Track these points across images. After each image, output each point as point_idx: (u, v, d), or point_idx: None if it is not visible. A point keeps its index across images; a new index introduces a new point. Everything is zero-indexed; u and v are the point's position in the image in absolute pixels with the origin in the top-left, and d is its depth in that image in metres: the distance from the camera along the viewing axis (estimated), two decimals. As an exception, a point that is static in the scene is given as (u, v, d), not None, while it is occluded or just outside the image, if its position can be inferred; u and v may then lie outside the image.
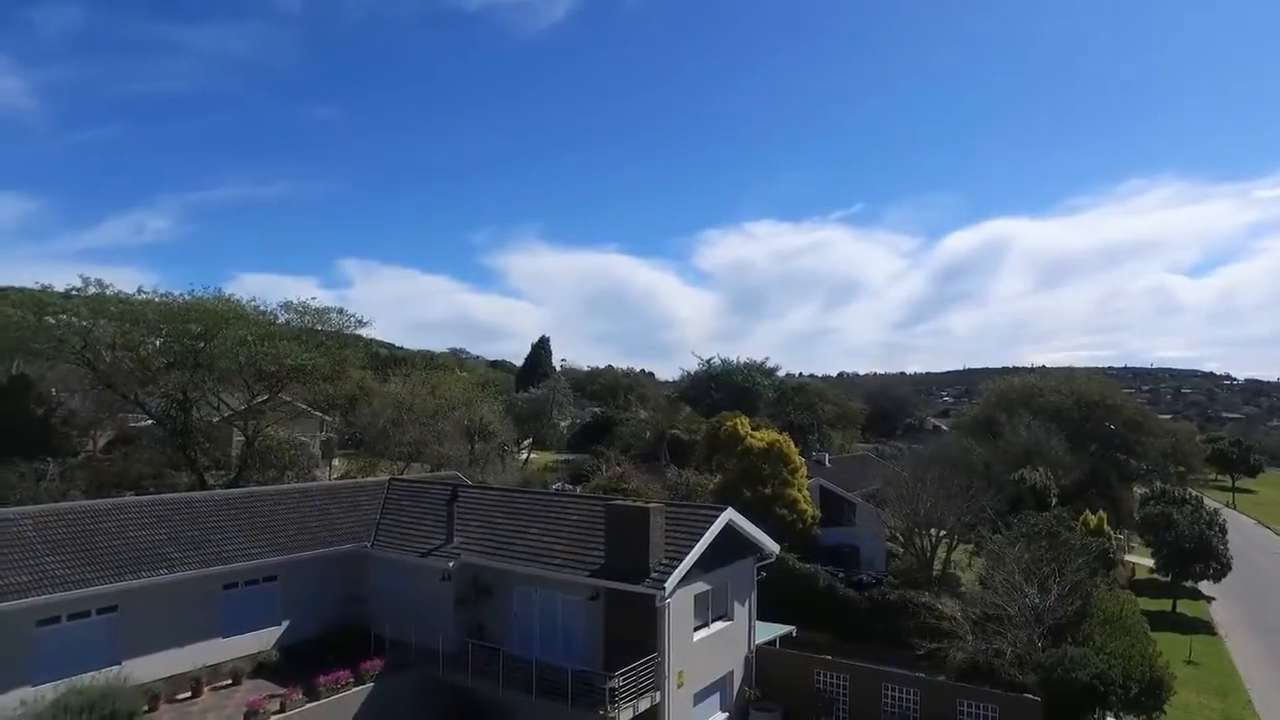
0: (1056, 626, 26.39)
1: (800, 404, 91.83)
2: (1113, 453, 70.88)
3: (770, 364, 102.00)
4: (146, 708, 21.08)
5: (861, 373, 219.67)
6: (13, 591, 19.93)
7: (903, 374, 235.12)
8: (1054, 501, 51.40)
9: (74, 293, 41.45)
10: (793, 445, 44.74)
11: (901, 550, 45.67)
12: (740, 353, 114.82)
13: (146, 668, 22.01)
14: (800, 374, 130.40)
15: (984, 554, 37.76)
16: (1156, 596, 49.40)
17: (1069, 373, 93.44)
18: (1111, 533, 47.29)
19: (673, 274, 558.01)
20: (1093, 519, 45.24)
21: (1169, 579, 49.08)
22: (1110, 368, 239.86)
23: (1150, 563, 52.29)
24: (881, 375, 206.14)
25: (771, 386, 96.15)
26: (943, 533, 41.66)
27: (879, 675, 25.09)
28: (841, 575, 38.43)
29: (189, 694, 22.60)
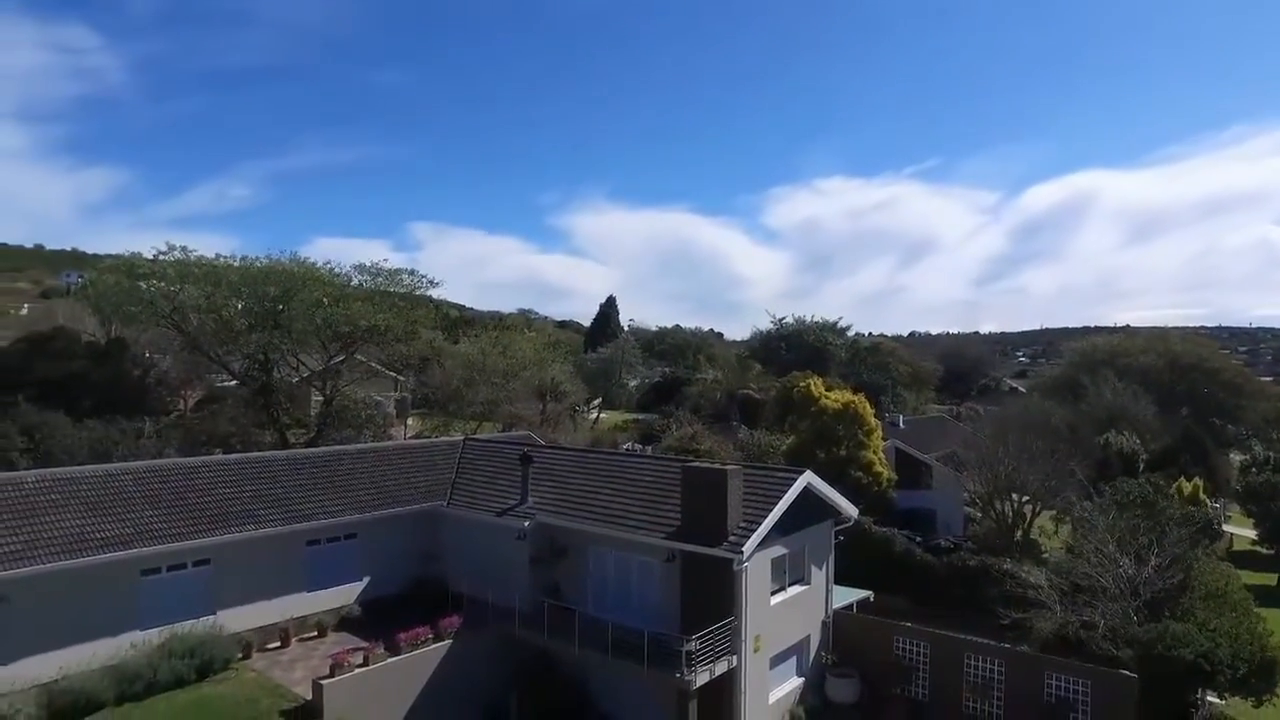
0: (1154, 600, 25.08)
1: (873, 364, 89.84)
2: (1208, 417, 67.25)
3: (842, 324, 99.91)
4: (240, 655, 21.99)
5: (934, 332, 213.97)
6: (119, 543, 20.88)
7: (977, 334, 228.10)
8: (1142, 467, 49.11)
9: (161, 257, 42.92)
10: (868, 406, 43.63)
11: (980, 515, 44.37)
12: (808, 311, 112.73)
13: (239, 619, 22.89)
14: (870, 333, 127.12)
15: (1071, 521, 36.29)
16: (1259, 570, 46.86)
17: (1160, 332, 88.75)
18: (1208, 501, 44.86)
19: (741, 232, 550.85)
20: (1187, 486, 42.99)
21: (1273, 551, 46.42)
22: (1203, 327, 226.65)
23: (1251, 534, 49.56)
24: (955, 335, 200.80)
25: (844, 346, 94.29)
26: (1025, 498, 40.19)
27: (961, 644, 24.34)
28: (918, 539, 37.53)
29: (278, 644, 23.46)
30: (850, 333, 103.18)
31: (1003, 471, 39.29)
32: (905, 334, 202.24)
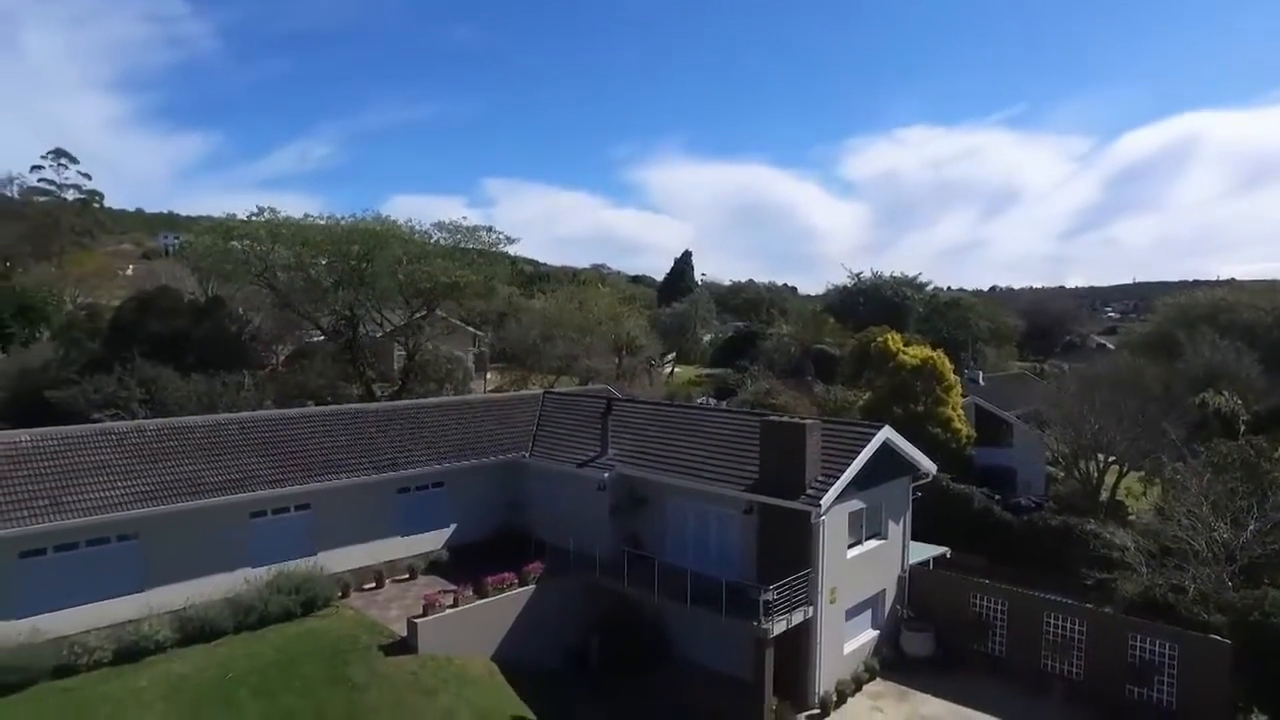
0: (1252, 566, 24.19)
1: (952, 319, 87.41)
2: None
3: (921, 279, 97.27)
4: (340, 594, 23.48)
5: (1017, 287, 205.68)
6: (229, 487, 22.45)
7: (1062, 288, 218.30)
8: (1243, 429, 46.71)
9: (253, 218, 44.86)
10: (947, 362, 42.71)
11: (1063, 474, 43.21)
12: (885, 266, 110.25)
13: (337, 560, 24.37)
14: (949, 288, 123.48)
15: (1161, 483, 35.05)
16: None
17: (1270, 285, 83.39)
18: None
19: (817, 185, 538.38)
20: (1293, 448, 40.74)
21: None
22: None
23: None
24: (1039, 290, 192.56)
25: (922, 301, 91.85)
26: (1111, 458, 38.92)
27: (1041, 603, 24.09)
28: (997, 498, 36.90)
29: (373, 585, 24.93)
30: (929, 288, 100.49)
31: (1088, 431, 38.05)
32: (986, 289, 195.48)
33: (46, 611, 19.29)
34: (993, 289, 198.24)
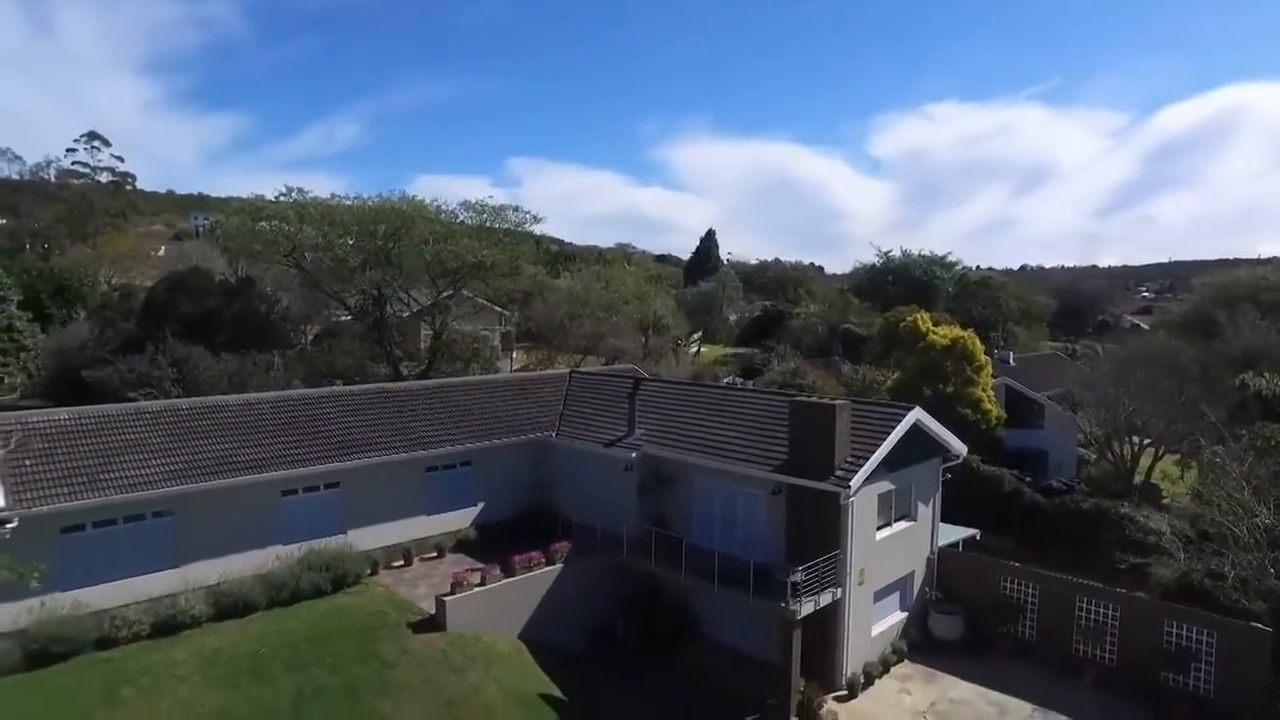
0: (1294, 551, 23.61)
1: (983, 299, 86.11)
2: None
3: (950, 258, 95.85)
4: (369, 571, 23.73)
5: (1048, 266, 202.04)
6: (260, 465, 22.71)
7: (1095, 267, 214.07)
8: (1285, 411, 45.55)
9: (280, 198, 45.15)
10: (977, 342, 42.08)
11: (1095, 457, 42.51)
12: (913, 245, 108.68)
13: (366, 538, 24.60)
14: (978, 267, 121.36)
15: (1199, 466, 34.34)
16: None
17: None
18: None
19: (844, 162, 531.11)
20: (1339, 433, 39.64)
21: None
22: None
23: None
24: (1071, 269, 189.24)
25: (951, 280, 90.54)
26: (1146, 441, 38.19)
27: (1073, 587, 23.74)
28: (1028, 480, 36.41)
29: (402, 563, 25.16)
30: (958, 267, 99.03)
31: (1122, 412, 37.33)
32: (1016, 268, 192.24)
33: (87, 585, 19.70)
34: (1023, 268, 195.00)
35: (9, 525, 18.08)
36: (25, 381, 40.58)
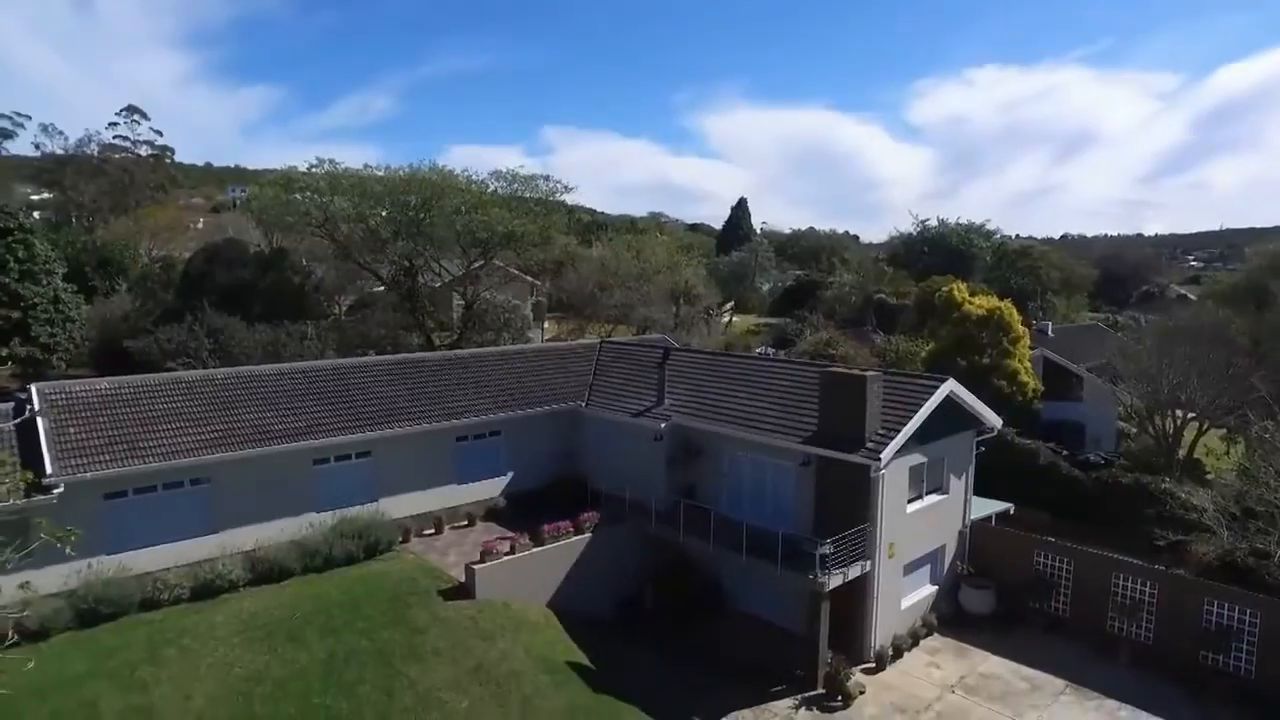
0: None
1: (1021, 268, 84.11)
2: None
3: (989, 226, 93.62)
4: (400, 539, 24.10)
5: (1090, 235, 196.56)
6: (293, 434, 23.08)
7: (1140, 235, 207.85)
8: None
9: (313, 170, 45.41)
10: (1014, 313, 41.12)
11: (1136, 430, 41.49)
12: (951, 213, 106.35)
13: (398, 506, 24.96)
14: (1017, 236, 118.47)
15: (1246, 441, 33.35)
16: None
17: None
18: None
19: (881, 129, 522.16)
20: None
21: None
22: None
23: None
24: (1114, 237, 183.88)
25: (989, 250, 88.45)
26: (1191, 415, 37.13)
27: (1110, 563, 23.27)
28: (1065, 453, 35.69)
29: (433, 531, 25.51)
30: (996, 236, 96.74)
31: (1165, 385, 36.30)
32: (1057, 237, 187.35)
33: (131, 550, 20.31)
34: (1064, 236, 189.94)
35: (56, 491, 18.64)
36: (72, 351, 41.69)
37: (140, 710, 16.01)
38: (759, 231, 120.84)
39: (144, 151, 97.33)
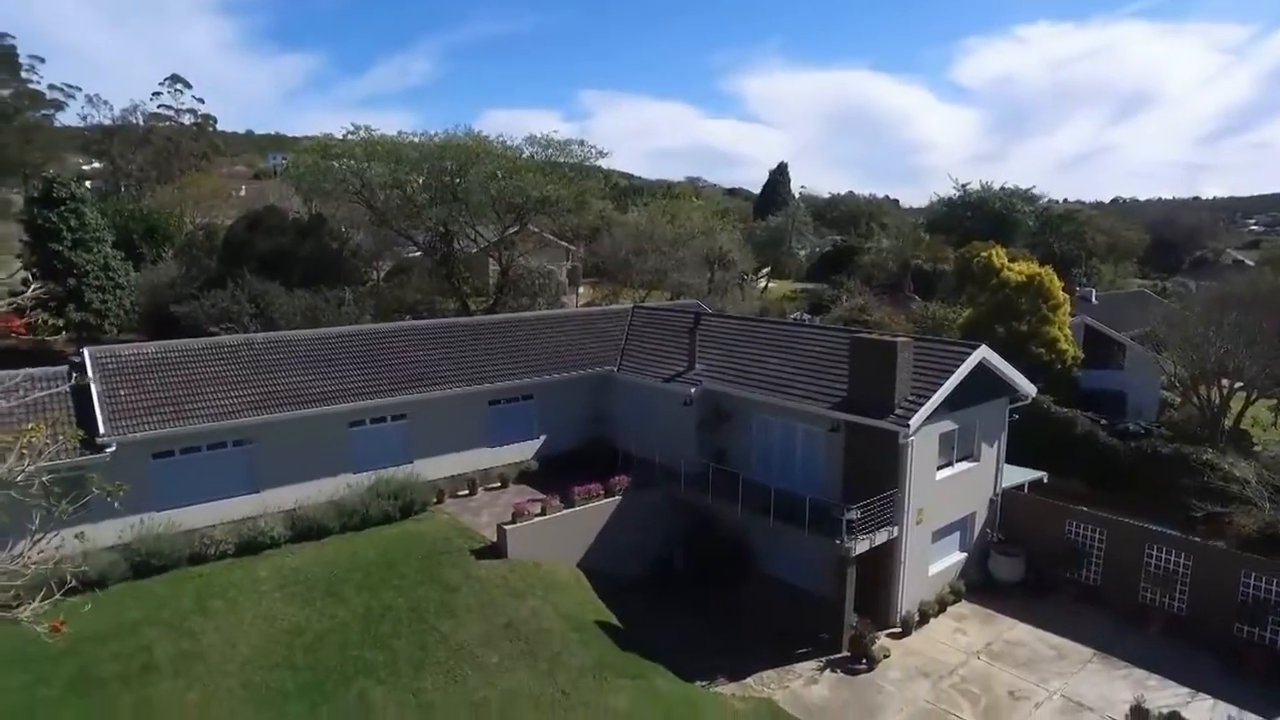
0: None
1: (1066, 234, 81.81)
2: None
3: (1035, 191, 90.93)
4: (434, 500, 24.74)
5: (1143, 199, 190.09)
6: (330, 397, 23.72)
7: (1197, 199, 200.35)
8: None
9: (349, 136, 45.82)
10: (1055, 280, 40.24)
11: (1180, 400, 40.55)
12: (998, 177, 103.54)
13: (432, 468, 25.57)
14: (1065, 200, 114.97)
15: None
16: None
17: None
18: None
19: (926, 90, 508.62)
20: None
21: None
22: None
23: None
24: (1169, 200, 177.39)
25: (1033, 214, 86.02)
26: (1239, 385, 36.13)
27: (1143, 534, 22.97)
28: (1103, 422, 35.07)
29: (466, 492, 26.11)
30: (1042, 200, 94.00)
31: (1213, 353, 35.31)
32: (1108, 201, 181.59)
33: (179, 507, 21.20)
34: (1115, 200, 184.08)
35: (109, 450, 19.50)
36: (122, 317, 43.05)
37: (191, 656, 16.86)
38: (797, 196, 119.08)
39: (187, 120, 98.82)
